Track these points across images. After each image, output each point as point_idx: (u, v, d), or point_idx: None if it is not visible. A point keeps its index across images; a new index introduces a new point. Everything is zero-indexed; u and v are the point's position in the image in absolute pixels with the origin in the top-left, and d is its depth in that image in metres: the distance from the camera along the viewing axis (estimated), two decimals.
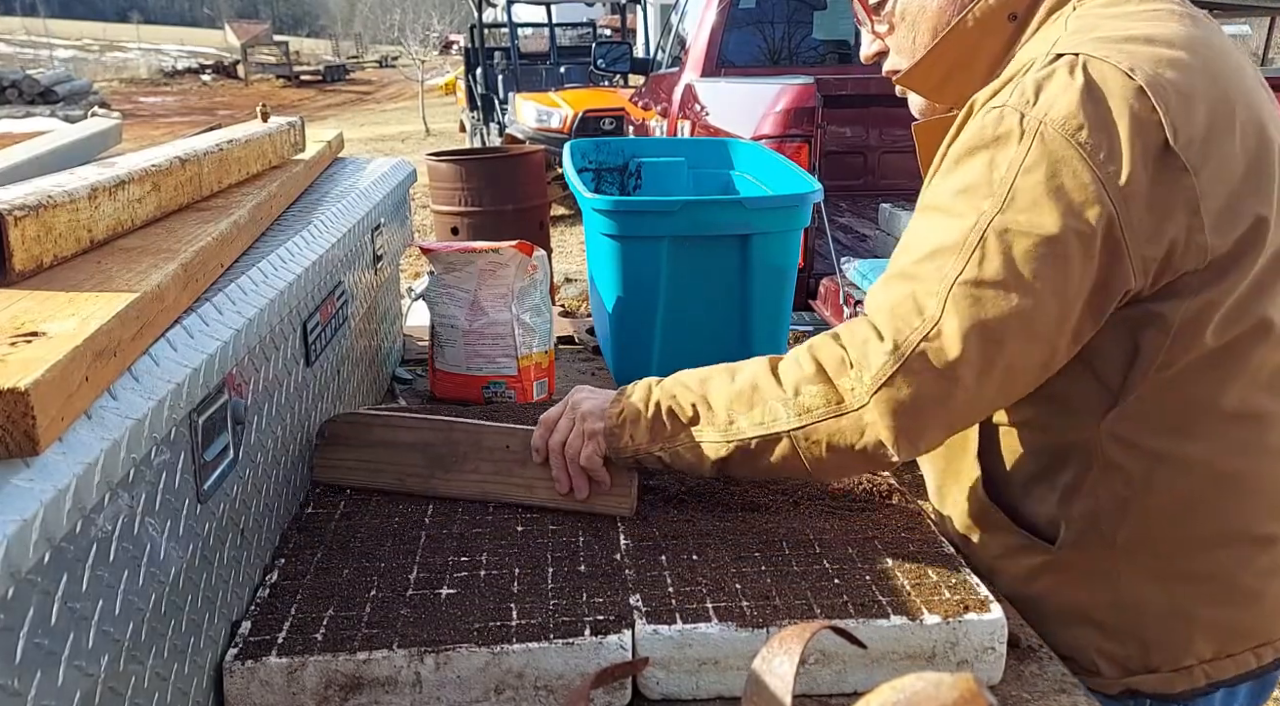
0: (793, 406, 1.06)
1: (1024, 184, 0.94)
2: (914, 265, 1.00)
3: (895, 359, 0.98)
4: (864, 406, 1.01)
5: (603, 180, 2.42)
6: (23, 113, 16.93)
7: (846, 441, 1.03)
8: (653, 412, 1.15)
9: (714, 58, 4.55)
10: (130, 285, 0.88)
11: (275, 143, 1.65)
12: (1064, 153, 0.93)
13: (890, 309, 1.01)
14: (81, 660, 0.71)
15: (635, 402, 1.17)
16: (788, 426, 1.06)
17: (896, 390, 0.99)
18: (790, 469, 1.09)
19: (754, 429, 1.08)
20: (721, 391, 1.12)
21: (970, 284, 0.96)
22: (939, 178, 1.03)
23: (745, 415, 1.09)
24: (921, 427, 1.01)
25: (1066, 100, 0.94)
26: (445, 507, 1.30)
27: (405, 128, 19.50)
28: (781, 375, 1.08)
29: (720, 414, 1.11)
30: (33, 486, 0.64)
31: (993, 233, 0.95)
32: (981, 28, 1.10)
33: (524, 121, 9.24)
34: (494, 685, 0.99)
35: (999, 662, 1.03)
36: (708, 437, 1.11)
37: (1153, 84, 0.94)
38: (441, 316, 1.83)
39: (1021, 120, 0.95)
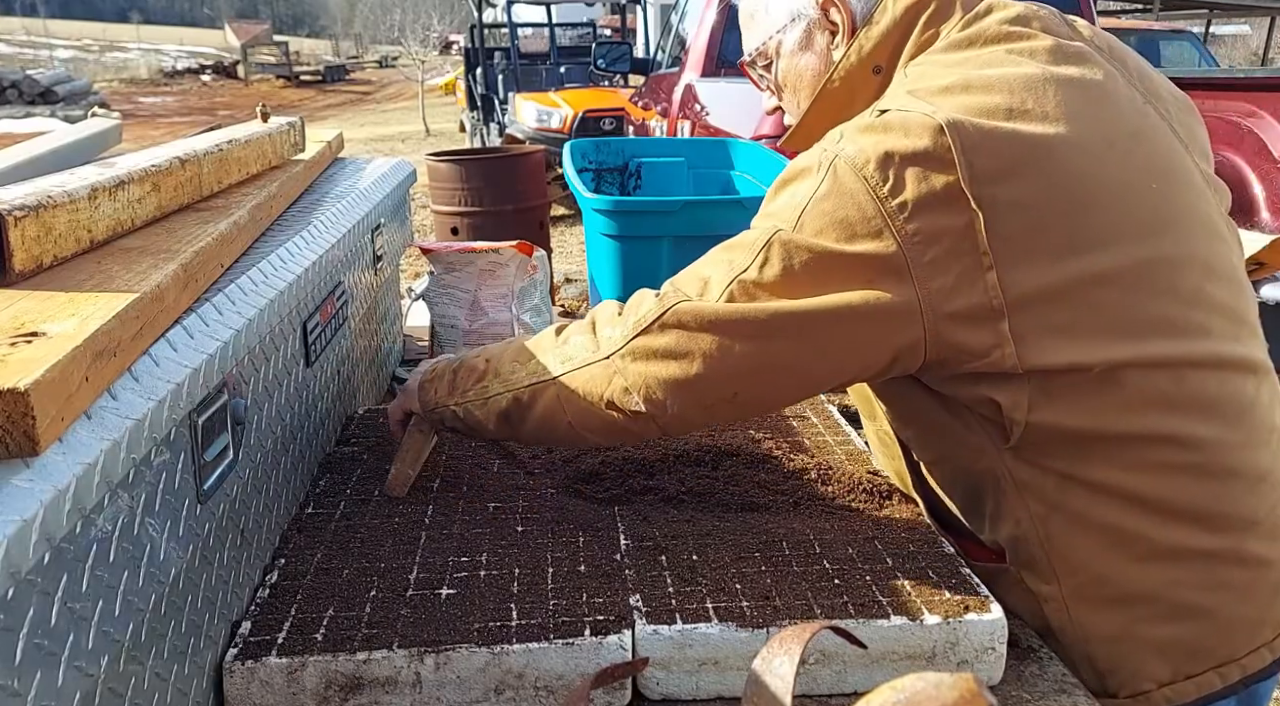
0: (559, 354, 1.12)
1: (815, 210, 0.99)
2: (713, 253, 1.07)
3: (659, 309, 1.04)
4: (616, 351, 1.06)
5: (603, 180, 2.42)
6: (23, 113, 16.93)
7: (598, 389, 1.08)
8: (455, 368, 1.23)
9: (714, 58, 4.55)
10: (130, 285, 0.88)
11: (275, 143, 1.65)
12: (852, 185, 0.97)
13: (677, 281, 1.07)
14: (81, 660, 0.71)
15: (447, 361, 1.25)
16: (552, 373, 1.11)
17: (650, 338, 1.04)
18: (556, 423, 1.13)
19: (529, 377, 1.14)
20: (516, 346, 1.18)
21: (750, 282, 1.01)
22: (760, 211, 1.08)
23: (525, 365, 1.15)
24: (666, 384, 1.04)
25: (864, 140, 0.99)
26: (445, 508, 1.30)
27: (405, 128, 19.50)
28: (565, 330, 1.15)
29: (505, 365, 1.17)
30: (32, 486, 0.64)
31: (779, 242, 1.00)
32: (849, 84, 1.15)
33: (524, 121, 9.24)
34: (494, 685, 0.99)
35: (999, 663, 1.03)
36: (493, 390, 1.17)
37: (952, 124, 0.95)
38: (441, 316, 1.83)
39: (822, 155, 1.01)
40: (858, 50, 1.13)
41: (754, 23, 1.25)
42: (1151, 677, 1.06)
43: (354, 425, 1.58)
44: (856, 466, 1.38)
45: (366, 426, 1.58)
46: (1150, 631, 1.05)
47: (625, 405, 1.06)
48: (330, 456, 1.47)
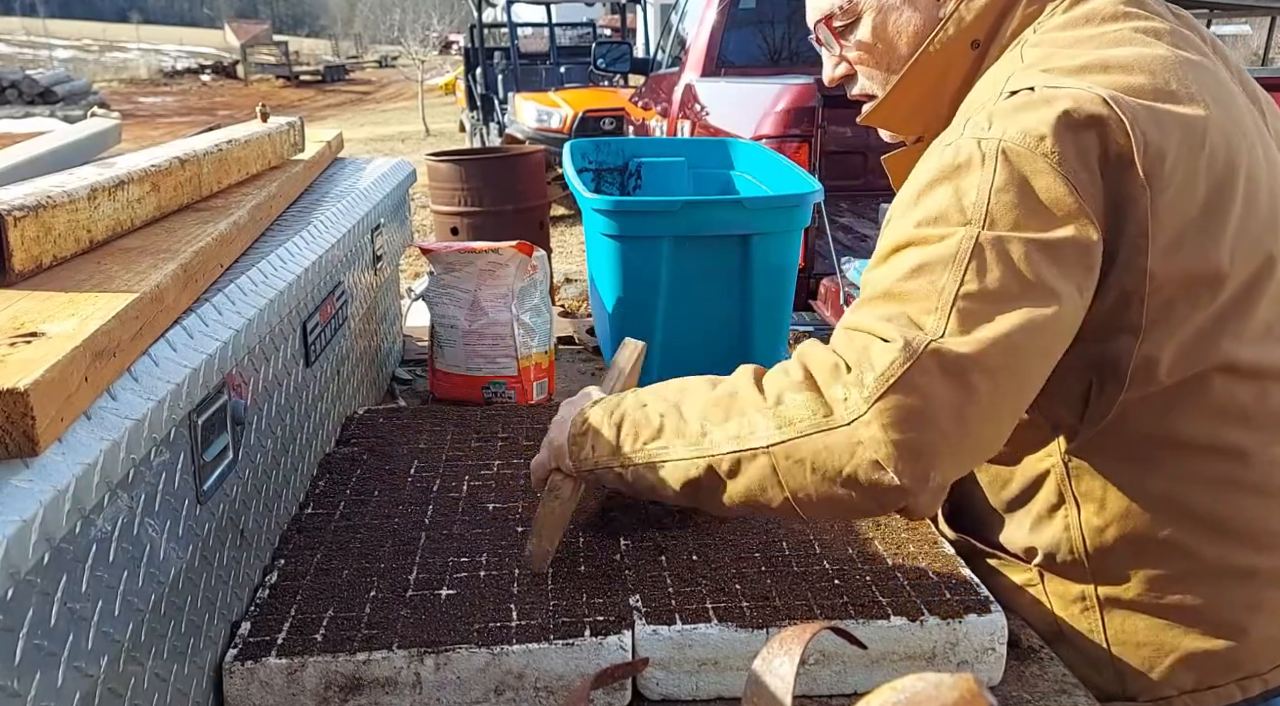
0: (773, 417, 0.91)
1: (1000, 203, 0.90)
2: (898, 284, 0.91)
3: (906, 357, 0.85)
4: (859, 418, 0.86)
5: (603, 180, 2.42)
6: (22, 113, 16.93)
7: (835, 461, 0.87)
8: (616, 422, 1.03)
9: (714, 57, 4.55)
10: (130, 286, 0.88)
11: (275, 143, 1.65)
12: (1033, 167, 0.90)
13: (885, 319, 0.90)
14: (81, 661, 0.71)
15: (602, 410, 1.06)
16: (766, 440, 0.91)
17: (903, 395, 0.85)
18: (768, 498, 0.93)
19: (729, 442, 0.93)
20: (698, 400, 0.98)
21: (974, 297, 0.88)
22: (898, 217, 0.97)
23: (720, 426, 0.94)
24: (930, 447, 0.85)
25: (1022, 119, 0.92)
26: (445, 508, 1.30)
27: (405, 128, 19.50)
28: (765, 383, 0.95)
29: (692, 423, 0.96)
30: (32, 487, 0.64)
31: (986, 243, 0.89)
32: (944, 58, 1.08)
33: (524, 121, 9.24)
34: (494, 686, 0.99)
35: (999, 663, 1.03)
36: (676, 453, 0.97)
37: (1114, 99, 0.92)
38: (441, 317, 1.83)
39: (980, 144, 0.93)
40: (957, 22, 1.07)
41: None
42: (1174, 685, 1.06)
43: (354, 425, 1.58)
44: None
45: (366, 426, 1.58)
46: (1183, 642, 1.04)
47: (873, 480, 0.86)
48: (330, 457, 1.46)
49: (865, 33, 1.12)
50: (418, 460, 1.45)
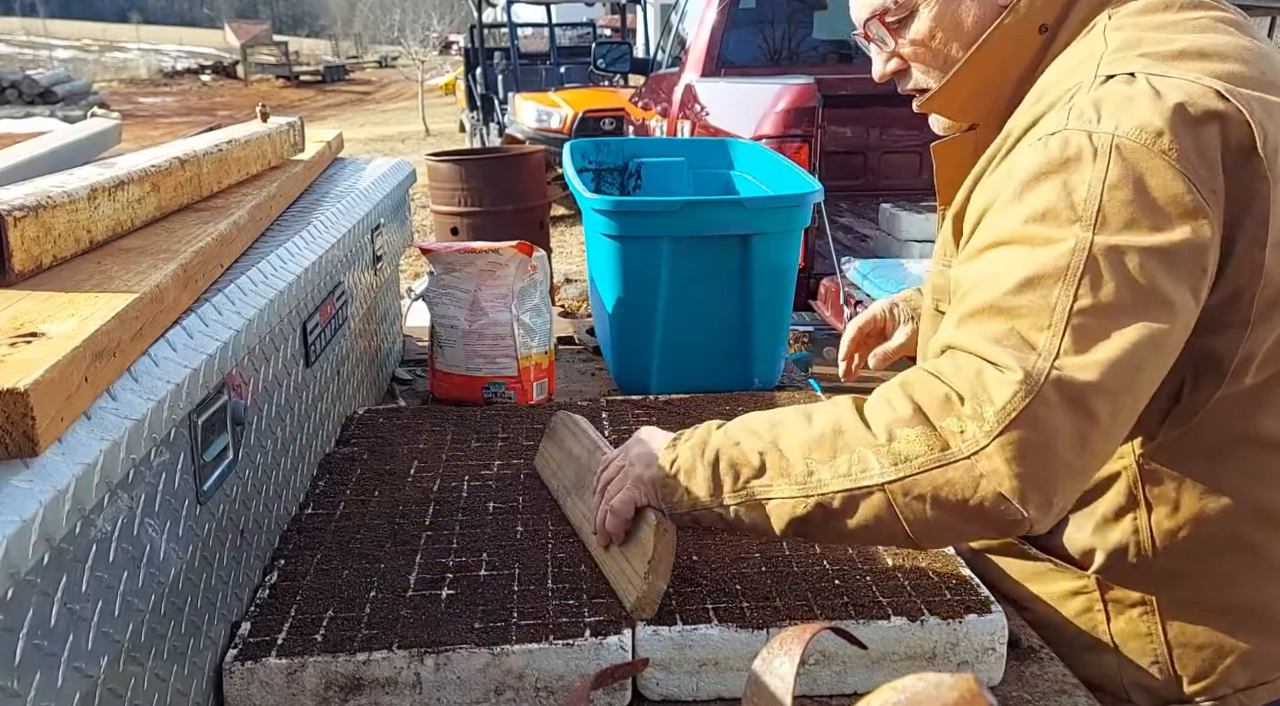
0: (886, 454, 0.88)
1: (1113, 202, 0.86)
2: (1006, 298, 0.88)
3: (1027, 390, 0.83)
4: (980, 451, 0.84)
5: (603, 180, 2.42)
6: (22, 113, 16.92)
7: (957, 495, 0.85)
8: (710, 461, 0.98)
9: (714, 58, 4.55)
10: (130, 286, 0.88)
11: (275, 143, 1.65)
12: (1148, 163, 0.87)
13: (995, 341, 0.87)
14: (81, 661, 0.71)
15: (691, 449, 1.01)
16: (881, 478, 0.88)
17: (1027, 429, 0.83)
18: (885, 532, 0.91)
19: (839, 481, 0.90)
20: (797, 437, 0.94)
21: (1089, 312, 0.85)
22: (998, 209, 0.94)
23: (828, 465, 0.91)
24: (1054, 476, 0.84)
25: (1135, 111, 0.89)
26: (445, 508, 1.30)
27: (405, 128, 19.50)
28: (869, 417, 0.91)
29: (796, 463, 0.93)
30: (32, 487, 0.64)
31: (1100, 254, 0.85)
32: (1010, 43, 1.04)
33: (524, 121, 9.24)
34: (494, 686, 0.99)
35: (999, 663, 1.03)
36: (781, 492, 0.94)
37: (1230, 91, 0.89)
38: (441, 317, 1.83)
39: (1091, 138, 0.89)
40: (1026, 5, 1.03)
41: None
42: (1230, 683, 1.06)
43: (354, 425, 1.58)
44: None
45: (366, 427, 1.58)
46: (1243, 641, 1.04)
47: (999, 512, 0.85)
48: (330, 457, 1.46)
49: (923, 25, 1.08)
50: (418, 460, 1.45)
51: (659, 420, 1.59)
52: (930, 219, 3.50)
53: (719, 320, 1.85)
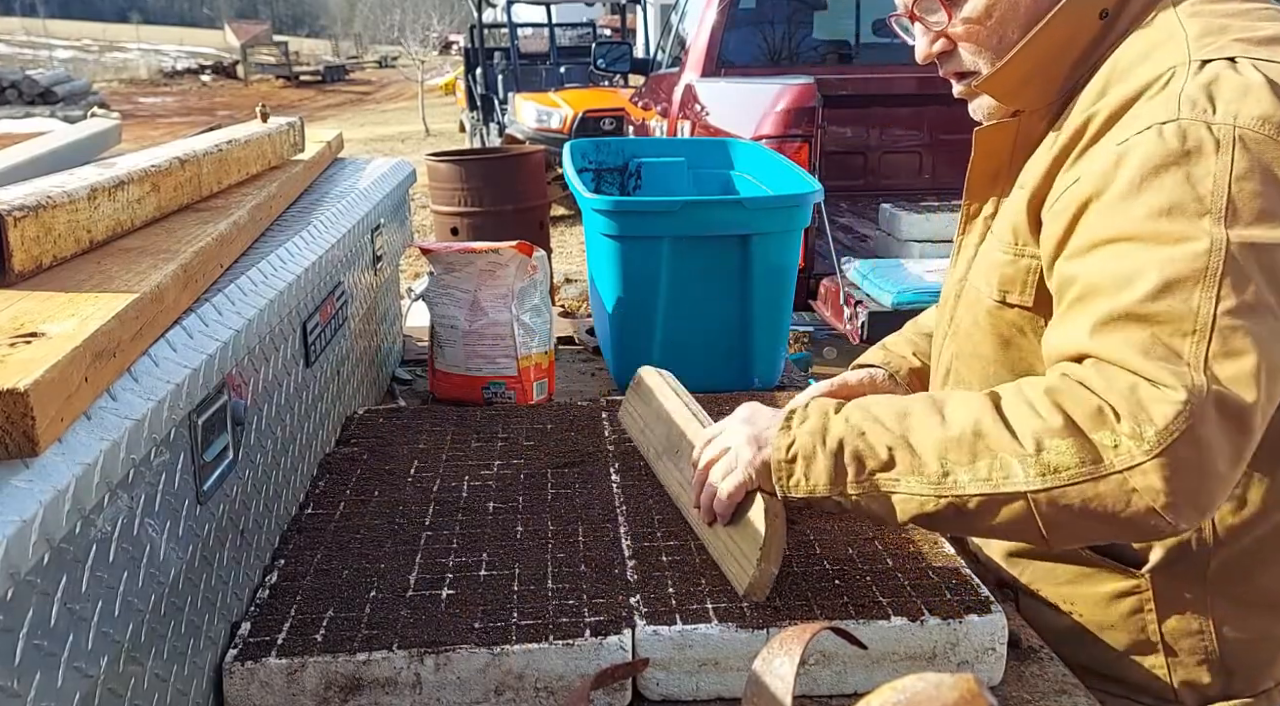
0: (1034, 464, 0.87)
1: (1242, 194, 0.85)
2: (1143, 304, 0.86)
3: (1190, 410, 0.82)
4: (1136, 466, 0.83)
5: (603, 180, 2.42)
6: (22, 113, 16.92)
7: (1107, 508, 0.85)
8: (833, 450, 0.97)
9: (714, 58, 4.54)
10: (130, 286, 0.88)
11: (275, 143, 1.65)
12: (1274, 154, 0.86)
13: (1142, 352, 0.85)
14: (81, 661, 0.71)
15: (810, 435, 0.99)
16: (1026, 487, 0.87)
17: (1189, 448, 0.82)
18: (1018, 532, 0.93)
19: (978, 485, 0.89)
20: (930, 434, 0.93)
21: (1235, 313, 0.83)
22: (1116, 206, 0.91)
23: (966, 468, 0.90)
24: (1210, 490, 0.84)
25: (1254, 101, 0.88)
26: (446, 508, 1.30)
27: (405, 128, 19.50)
28: (1014, 422, 0.89)
29: (930, 462, 0.92)
30: (32, 487, 0.64)
31: (1238, 252, 0.84)
32: (1070, 25, 1.02)
33: (524, 122, 9.25)
34: (494, 686, 0.99)
35: (999, 663, 1.03)
36: (911, 488, 0.93)
37: None
38: (441, 317, 1.83)
39: (1211, 129, 0.87)
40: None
41: None
42: (1274, 676, 1.07)
43: (354, 425, 1.58)
44: None
45: (366, 427, 1.58)
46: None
47: (1149, 524, 0.85)
48: (330, 457, 1.46)
49: (979, 3, 1.05)
50: (418, 460, 1.45)
51: None
52: (930, 219, 3.50)
53: (719, 320, 1.85)
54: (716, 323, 1.86)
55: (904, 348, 1.36)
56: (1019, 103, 1.09)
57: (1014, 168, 1.11)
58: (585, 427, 1.57)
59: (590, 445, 1.50)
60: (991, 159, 1.13)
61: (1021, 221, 1.05)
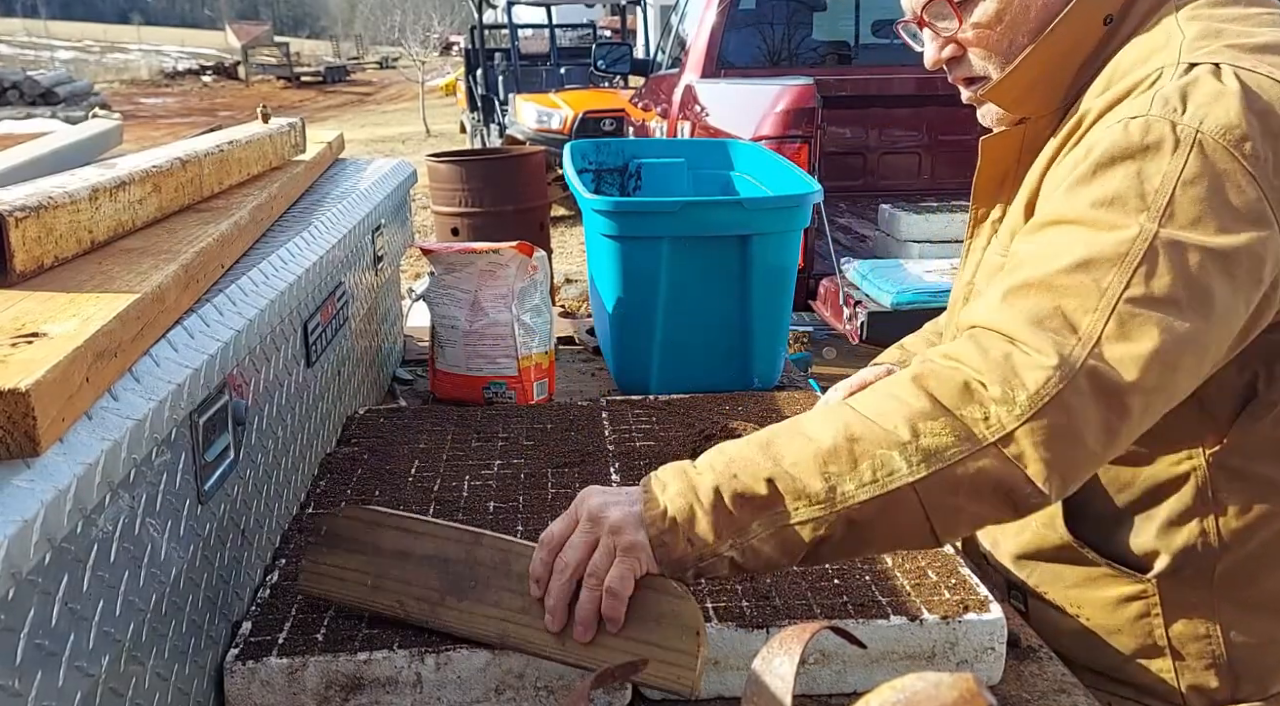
0: (914, 451, 0.84)
1: (1184, 197, 0.86)
2: (1058, 276, 0.87)
3: (1061, 376, 0.82)
4: (1007, 434, 0.82)
5: (603, 181, 2.42)
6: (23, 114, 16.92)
7: (988, 483, 0.83)
8: (711, 502, 0.88)
9: (714, 58, 4.54)
10: (131, 286, 0.88)
11: (276, 144, 1.65)
12: (1227, 166, 0.86)
13: (1034, 321, 0.85)
14: (82, 661, 0.71)
15: (680, 496, 0.90)
16: (911, 478, 0.84)
17: (1058, 414, 0.82)
18: (908, 534, 0.88)
19: (866, 490, 0.84)
20: (803, 453, 0.87)
21: (1139, 301, 0.84)
22: (1069, 187, 0.92)
23: (850, 476, 0.85)
24: (1078, 461, 0.84)
25: (1223, 109, 0.88)
26: (445, 508, 1.30)
27: (406, 129, 19.51)
28: (882, 417, 0.86)
29: (813, 481, 0.86)
30: (33, 487, 0.64)
31: (1161, 246, 0.85)
32: (1075, 31, 1.03)
33: (524, 122, 9.25)
34: (494, 685, 0.99)
35: (999, 662, 1.03)
36: (801, 515, 0.86)
37: None
38: (442, 317, 1.83)
39: (1174, 129, 0.88)
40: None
41: None
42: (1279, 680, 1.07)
43: (354, 425, 1.59)
44: None
45: (367, 427, 1.58)
46: None
47: (1021, 495, 0.84)
48: (331, 457, 1.47)
49: (989, 8, 1.05)
50: (418, 460, 1.45)
51: (659, 420, 1.60)
52: (929, 219, 3.50)
53: (719, 320, 1.86)
54: (716, 323, 1.86)
55: (920, 346, 1.36)
56: (1026, 109, 1.09)
57: (1020, 173, 1.12)
58: (585, 427, 1.57)
59: (590, 445, 1.50)
60: (998, 166, 1.13)
61: (1019, 225, 1.06)
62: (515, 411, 1.66)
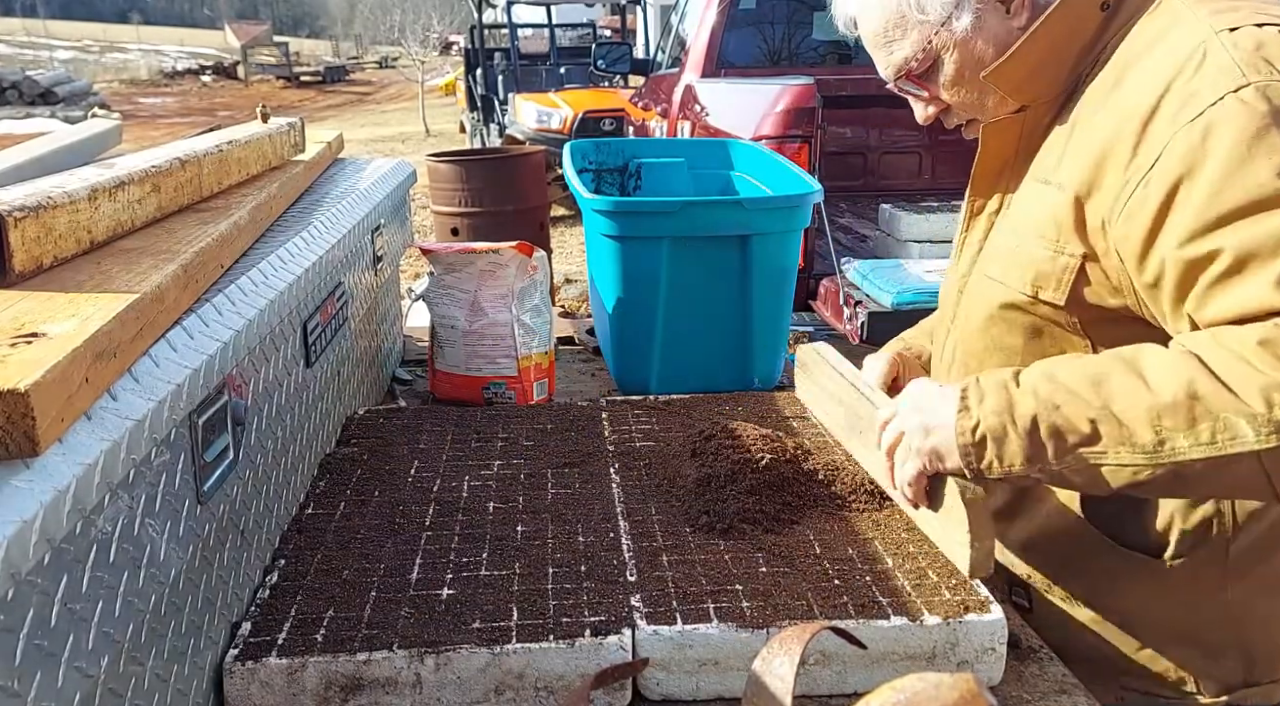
0: (1265, 422, 0.84)
1: None
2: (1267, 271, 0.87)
3: None
4: None
5: (603, 181, 2.42)
6: (23, 114, 16.91)
7: None
8: (1026, 428, 0.93)
9: (714, 58, 4.54)
10: (130, 286, 0.88)
11: (275, 144, 1.65)
12: None
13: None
14: (81, 661, 0.71)
15: (995, 413, 0.96)
16: (1258, 446, 0.84)
17: None
18: (1246, 490, 0.91)
19: (1201, 450, 0.86)
20: (1138, 402, 0.89)
21: None
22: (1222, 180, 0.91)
23: (1185, 432, 0.87)
24: None
25: None
26: (446, 508, 1.30)
27: (405, 128, 19.50)
28: (1232, 381, 0.87)
29: (1141, 432, 0.89)
30: (32, 487, 0.64)
31: None
32: (1073, 18, 1.05)
33: (524, 122, 9.25)
34: (494, 686, 0.99)
35: (999, 663, 1.03)
36: (1122, 459, 0.90)
37: None
38: (441, 317, 1.83)
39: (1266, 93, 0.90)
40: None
41: (904, 27, 1.11)
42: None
43: (354, 426, 1.59)
44: (858, 467, 1.38)
45: (366, 427, 1.58)
46: None
47: None
48: (330, 457, 1.47)
49: (949, 71, 1.11)
50: (418, 460, 1.45)
51: (659, 420, 1.60)
52: (929, 219, 3.50)
53: (719, 320, 1.86)
54: (716, 323, 1.86)
55: (922, 339, 1.39)
56: (1026, 96, 1.11)
57: (1019, 162, 1.14)
58: (585, 427, 1.57)
59: (590, 445, 1.50)
60: (999, 153, 1.15)
61: (1066, 220, 1.03)
62: (515, 411, 1.66)
